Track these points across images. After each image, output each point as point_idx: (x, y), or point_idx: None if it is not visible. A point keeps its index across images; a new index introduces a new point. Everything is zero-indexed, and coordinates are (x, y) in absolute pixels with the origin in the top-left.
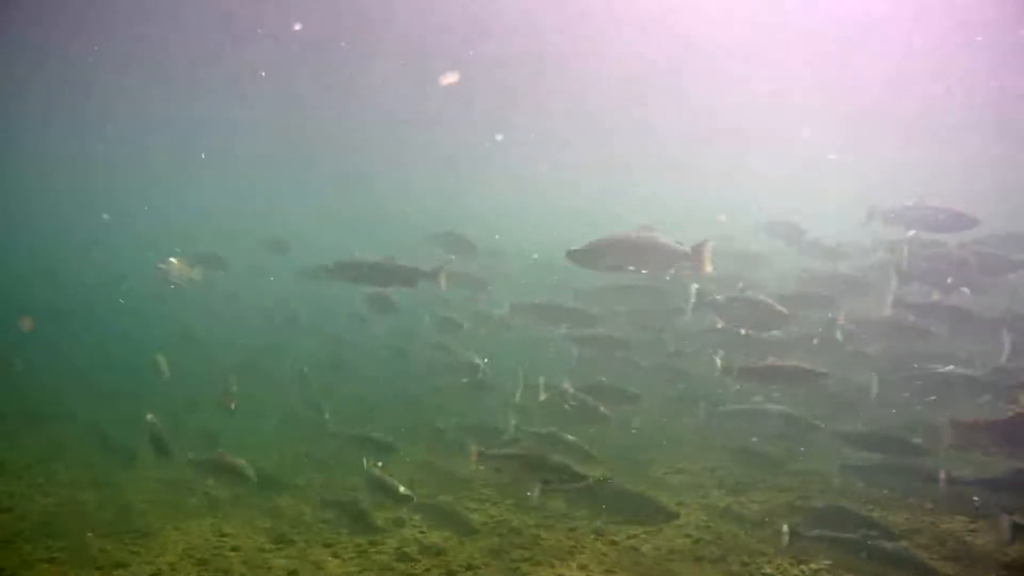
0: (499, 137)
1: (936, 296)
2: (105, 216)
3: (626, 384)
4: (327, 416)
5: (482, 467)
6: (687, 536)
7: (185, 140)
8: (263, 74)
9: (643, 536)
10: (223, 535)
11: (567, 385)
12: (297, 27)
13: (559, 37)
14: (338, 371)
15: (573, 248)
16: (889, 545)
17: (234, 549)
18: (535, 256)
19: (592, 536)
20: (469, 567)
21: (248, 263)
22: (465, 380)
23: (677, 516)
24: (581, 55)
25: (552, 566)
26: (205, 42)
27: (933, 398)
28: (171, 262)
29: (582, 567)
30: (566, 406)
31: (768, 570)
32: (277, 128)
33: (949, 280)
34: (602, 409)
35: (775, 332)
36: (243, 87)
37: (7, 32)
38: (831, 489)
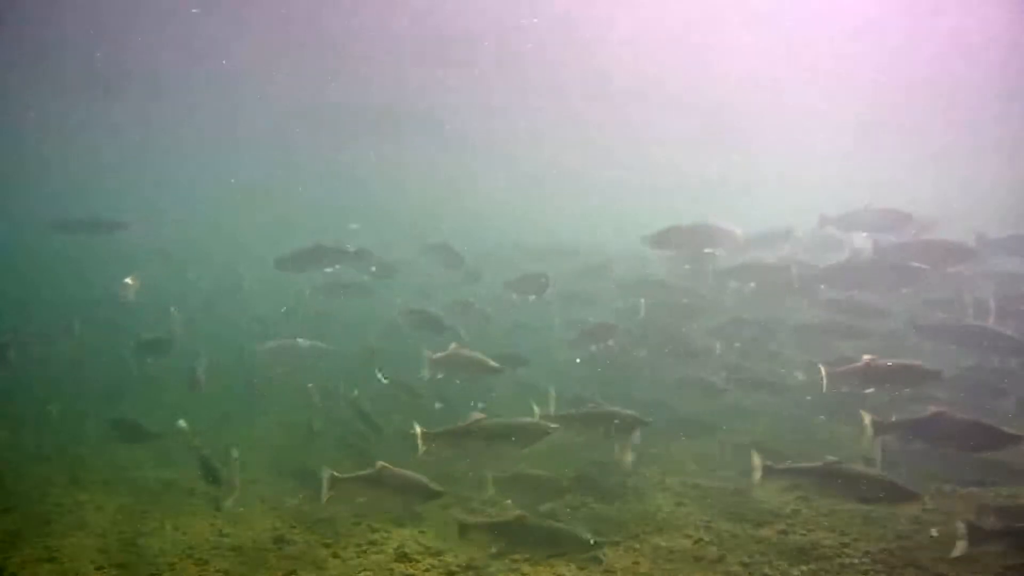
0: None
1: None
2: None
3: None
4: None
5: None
6: (687, 536)
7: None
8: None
9: (642, 537)
10: (223, 535)
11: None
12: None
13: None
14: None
15: None
16: None
17: (234, 549)
18: None
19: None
20: (469, 567)
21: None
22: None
23: None
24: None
25: (552, 566)
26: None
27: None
28: (132, 281)
29: (581, 567)
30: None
31: (768, 570)
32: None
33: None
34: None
35: None
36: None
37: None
38: None
